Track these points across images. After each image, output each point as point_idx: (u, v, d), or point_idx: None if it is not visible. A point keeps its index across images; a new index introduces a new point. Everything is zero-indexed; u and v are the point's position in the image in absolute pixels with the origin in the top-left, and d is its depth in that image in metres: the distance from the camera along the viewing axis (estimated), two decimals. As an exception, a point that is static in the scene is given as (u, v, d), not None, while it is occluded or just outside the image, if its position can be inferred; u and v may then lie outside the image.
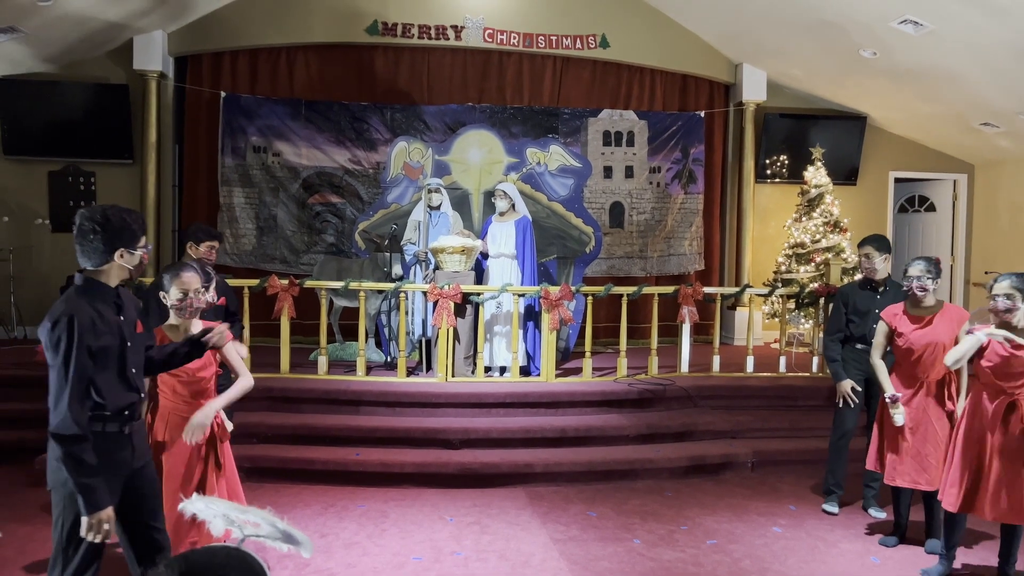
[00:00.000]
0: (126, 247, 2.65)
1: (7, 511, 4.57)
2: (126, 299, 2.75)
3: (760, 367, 7.04)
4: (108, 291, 2.66)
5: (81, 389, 2.48)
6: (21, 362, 6.57)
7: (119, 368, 2.63)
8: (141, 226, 2.72)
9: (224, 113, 8.78)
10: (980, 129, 8.89)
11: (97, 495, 2.47)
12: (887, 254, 4.71)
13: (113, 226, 2.62)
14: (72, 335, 2.46)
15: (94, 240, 2.59)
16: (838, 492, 4.88)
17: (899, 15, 7.01)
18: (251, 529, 1.66)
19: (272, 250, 8.89)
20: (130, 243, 2.65)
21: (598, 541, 4.34)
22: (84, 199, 8.75)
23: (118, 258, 2.64)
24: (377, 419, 5.85)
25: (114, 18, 7.89)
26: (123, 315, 2.68)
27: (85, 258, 2.63)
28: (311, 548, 1.73)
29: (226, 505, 1.77)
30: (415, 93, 9.17)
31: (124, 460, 2.67)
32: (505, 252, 6.84)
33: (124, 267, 2.67)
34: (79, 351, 2.46)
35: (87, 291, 2.61)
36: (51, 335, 2.47)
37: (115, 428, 2.62)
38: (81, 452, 2.45)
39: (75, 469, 2.45)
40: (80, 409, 2.48)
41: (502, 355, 6.79)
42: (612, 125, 9.40)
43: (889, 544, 4.33)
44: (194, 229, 4.69)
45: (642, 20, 9.28)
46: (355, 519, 4.61)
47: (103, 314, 2.59)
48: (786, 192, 9.63)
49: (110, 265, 2.65)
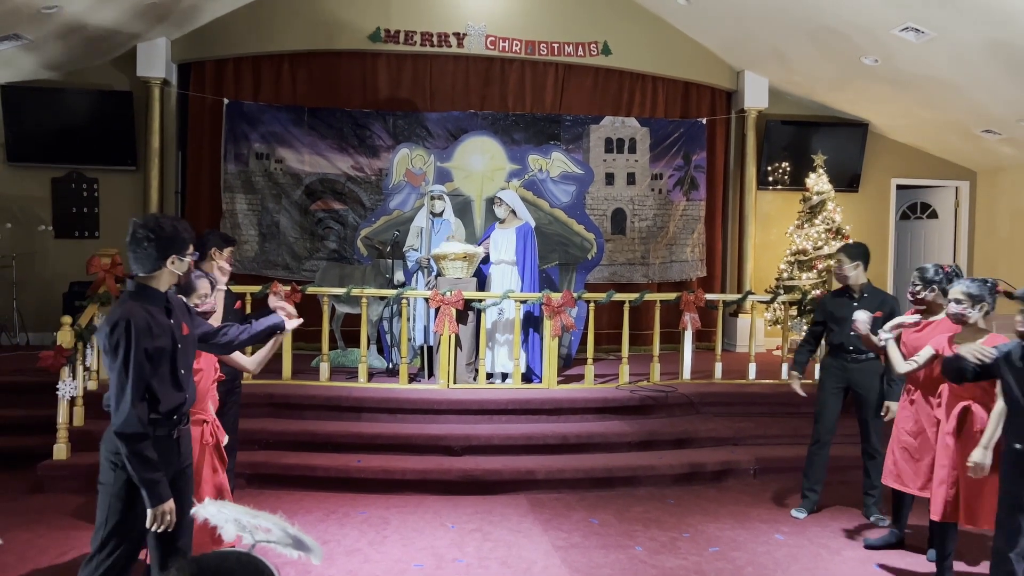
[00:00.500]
0: (177, 254, 2.78)
1: (8, 517, 4.56)
2: (175, 303, 2.88)
3: (762, 374, 7.03)
4: (159, 295, 2.78)
5: (141, 389, 2.63)
6: (23, 368, 6.55)
7: (171, 369, 2.75)
8: (191, 235, 2.86)
9: (227, 120, 8.82)
10: (981, 136, 8.89)
11: (160, 488, 2.62)
12: (857, 261, 4.69)
13: (166, 234, 2.74)
14: (130, 338, 2.59)
15: (148, 247, 2.71)
16: (809, 497, 4.90)
17: (900, 22, 7.02)
18: (262, 535, 1.66)
19: (274, 256, 8.91)
20: (180, 251, 2.79)
21: (600, 548, 4.33)
22: (87, 206, 8.77)
23: (169, 264, 2.77)
24: (379, 426, 5.84)
25: (118, 25, 7.92)
26: (172, 318, 2.81)
27: (138, 265, 2.75)
28: (321, 555, 1.72)
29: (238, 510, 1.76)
30: (417, 100, 9.19)
31: (171, 461, 2.79)
32: (506, 259, 6.84)
33: (174, 273, 2.81)
34: (137, 352, 2.60)
35: (140, 295, 2.74)
36: (109, 339, 2.60)
37: (164, 432, 2.75)
38: (144, 449, 2.60)
39: (140, 465, 2.59)
40: (142, 408, 2.63)
41: (504, 362, 6.78)
42: (614, 132, 9.41)
43: (875, 544, 4.34)
44: (216, 237, 4.57)
45: (644, 27, 9.30)
46: (356, 526, 4.60)
47: (156, 317, 2.72)
48: (788, 199, 9.63)
49: (161, 271, 2.76)
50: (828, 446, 4.82)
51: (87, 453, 5.29)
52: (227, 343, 3.11)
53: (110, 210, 8.80)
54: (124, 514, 2.67)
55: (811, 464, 4.88)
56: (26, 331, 8.43)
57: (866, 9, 7.08)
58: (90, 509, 4.67)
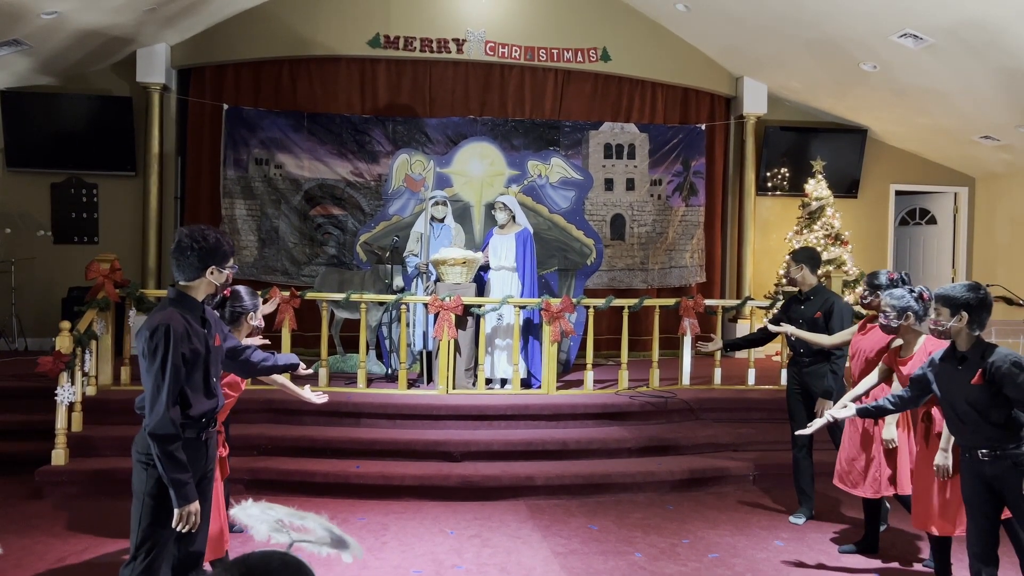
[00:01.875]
0: (217, 265, 2.86)
1: (6, 523, 4.55)
2: (209, 314, 2.97)
3: (761, 380, 7.03)
4: (196, 304, 2.87)
5: (176, 392, 2.71)
6: (22, 374, 6.54)
7: (203, 376, 2.83)
8: (231, 248, 2.94)
9: (226, 125, 8.82)
10: (980, 142, 8.91)
11: (187, 489, 2.70)
12: (801, 264, 4.87)
13: (209, 245, 2.82)
14: (168, 342, 2.67)
15: (190, 256, 2.79)
16: (805, 503, 4.93)
17: (899, 29, 7.04)
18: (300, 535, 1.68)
19: (274, 262, 8.90)
20: (221, 262, 2.87)
21: (599, 555, 4.32)
22: (86, 211, 8.78)
23: (208, 274, 2.85)
24: (378, 431, 5.84)
25: (117, 31, 7.93)
26: (207, 328, 2.90)
27: (180, 272, 2.83)
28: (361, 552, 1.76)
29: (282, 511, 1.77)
30: (417, 106, 9.20)
31: (199, 464, 2.87)
32: (505, 265, 6.84)
33: (212, 283, 2.88)
34: (175, 356, 2.68)
35: (179, 302, 2.83)
36: (149, 343, 2.68)
37: (193, 434, 2.82)
38: (176, 450, 2.68)
39: (170, 466, 2.67)
40: (176, 411, 2.71)
41: (503, 367, 6.78)
42: (613, 138, 9.43)
43: (846, 551, 4.39)
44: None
45: (643, 33, 9.32)
46: (355, 532, 4.59)
47: (192, 324, 2.80)
48: (787, 205, 9.65)
49: (200, 280, 2.85)
50: (807, 448, 4.87)
51: (85, 459, 5.30)
52: (250, 365, 3.25)
53: (109, 216, 8.80)
54: (157, 513, 2.74)
55: (797, 469, 4.93)
56: (25, 336, 8.42)
57: (865, 16, 7.10)
58: (88, 515, 4.67)
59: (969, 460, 3.15)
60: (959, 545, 3.67)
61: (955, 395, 3.11)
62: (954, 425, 3.19)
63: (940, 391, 3.20)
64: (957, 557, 3.73)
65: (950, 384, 3.14)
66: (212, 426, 2.93)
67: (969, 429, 3.09)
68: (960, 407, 3.09)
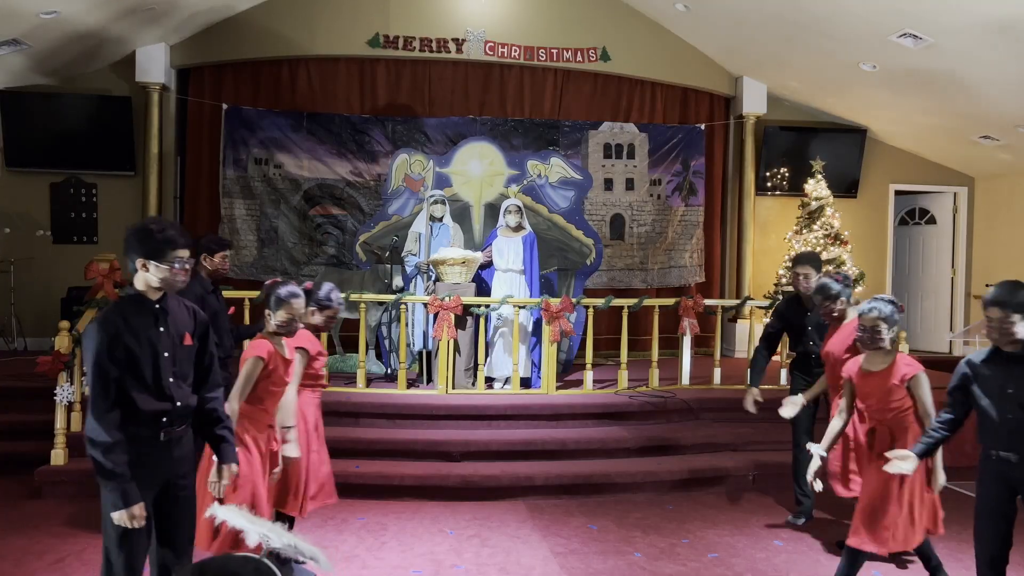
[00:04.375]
0: (145, 258, 2.61)
1: (5, 523, 4.55)
2: (174, 311, 2.75)
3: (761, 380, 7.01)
4: (143, 301, 2.67)
5: (103, 394, 2.54)
6: (21, 373, 6.54)
7: (153, 377, 2.63)
8: (173, 241, 2.64)
9: (226, 125, 8.82)
10: (979, 142, 8.91)
11: (119, 494, 2.53)
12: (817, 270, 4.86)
13: (136, 236, 2.62)
14: (92, 344, 2.54)
15: (127, 249, 2.63)
16: (804, 503, 4.91)
17: (899, 29, 7.04)
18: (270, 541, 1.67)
19: (273, 262, 8.90)
20: (155, 256, 2.61)
21: (599, 554, 4.32)
22: (85, 211, 8.77)
23: (141, 269, 2.63)
24: (377, 431, 5.83)
25: (116, 31, 7.93)
26: (163, 327, 2.68)
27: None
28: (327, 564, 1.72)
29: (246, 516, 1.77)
30: (416, 105, 9.20)
31: (159, 464, 2.70)
32: (513, 267, 6.83)
33: (160, 278, 2.64)
34: (99, 357, 2.53)
35: (123, 300, 2.69)
36: (84, 344, 2.60)
37: (148, 433, 2.65)
38: (103, 454, 2.51)
39: (98, 470, 2.54)
40: (105, 414, 2.53)
41: (503, 367, 6.77)
42: (613, 138, 9.43)
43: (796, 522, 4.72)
44: (206, 241, 4.64)
45: (643, 33, 9.32)
46: (354, 532, 4.59)
47: (131, 323, 2.61)
48: (786, 204, 9.64)
49: (135, 275, 2.66)
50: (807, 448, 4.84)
51: (85, 459, 5.25)
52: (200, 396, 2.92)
53: (109, 215, 8.79)
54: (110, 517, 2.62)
55: (798, 469, 4.88)
56: (24, 336, 8.41)
57: (864, 16, 7.10)
58: (88, 515, 4.67)
59: (996, 463, 3.02)
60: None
61: (1008, 398, 2.96)
62: (992, 429, 3.02)
63: (985, 395, 3.05)
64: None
65: (1005, 385, 2.99)
66: (176, 426, 2.71)
67: (1012, 431, 2.96)
68: (1012, 410, 2.95)
